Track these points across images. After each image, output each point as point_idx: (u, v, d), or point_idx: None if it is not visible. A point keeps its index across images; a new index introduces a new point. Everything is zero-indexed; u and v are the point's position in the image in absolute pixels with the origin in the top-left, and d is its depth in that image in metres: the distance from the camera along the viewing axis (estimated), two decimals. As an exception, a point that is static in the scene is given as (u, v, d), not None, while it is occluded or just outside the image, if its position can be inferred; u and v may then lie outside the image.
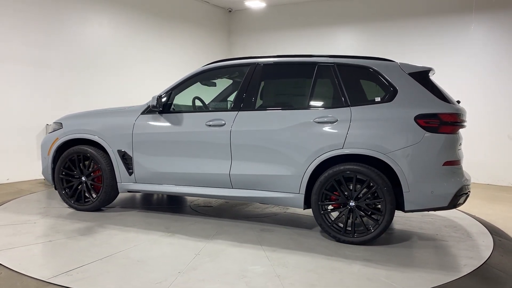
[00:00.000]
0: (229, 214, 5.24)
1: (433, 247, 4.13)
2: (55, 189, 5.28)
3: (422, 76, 4.13)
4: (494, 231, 4.73)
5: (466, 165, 4.32)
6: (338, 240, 4.10)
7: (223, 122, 4.51)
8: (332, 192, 4.12)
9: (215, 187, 4.62)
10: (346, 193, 4.08)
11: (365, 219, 4.08)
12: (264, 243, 4.06)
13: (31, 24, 7.22)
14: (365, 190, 4.02)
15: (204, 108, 5.21)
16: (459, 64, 8.34)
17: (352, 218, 4.07)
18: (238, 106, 4.56)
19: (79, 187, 5.13)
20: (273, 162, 4.31)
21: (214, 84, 5.48)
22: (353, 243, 4.04)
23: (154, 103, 4.72)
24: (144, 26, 9.24)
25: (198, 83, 5.14)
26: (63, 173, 5.16)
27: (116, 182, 5.01)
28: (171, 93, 4.88)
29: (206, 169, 4.59)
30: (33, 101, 7.33)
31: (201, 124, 4.61)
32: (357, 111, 4.09)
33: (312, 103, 4.38)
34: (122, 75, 8.76)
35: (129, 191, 5.06)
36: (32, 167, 7.30)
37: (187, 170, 4.68)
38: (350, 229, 4.07)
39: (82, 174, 5.11)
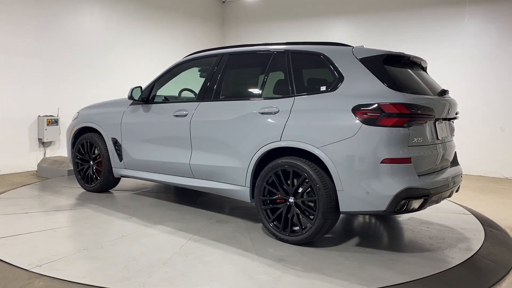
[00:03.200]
0: (221, 203, 5.28)
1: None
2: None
3: (374, 62, 3.65)
4: (486, 222, 4.77)
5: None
6: (276, 238, 3.88)
7: (185, 112, 4.60)
8: (273, 187, 3.88)
9: (181, 176, 4.73)
10: (285, 188, 3.82)
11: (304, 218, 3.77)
12: (200, 233, 4.09)
13: (22, 15, 7.11)
14: (305, 186, 3.70)
15: (180, 99, 5.29)
16: (452, 55, 8.34)
17: (289, 215, 3.78)
18: (201, 96, 4.59)
19: (88, 170, 5.68)
20: (224, 154, 4.26)
21: None
22: (288, 242, 3.79)
23: (129, 94, 5.05)
24: (136, 16, 9.15)
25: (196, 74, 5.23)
26: (78, 157, 5.73)
27: (112, 168, 5.43)
28: (153, 85, 5.09)
29: (172, 158, 4.74)
30: (25, 92, 7.25)
31: (170, 115, 4.76)
32: (299, 101, 3.82)
33: (262, 93, 4.17)
34: (113, 66, 8.69)
35: (121, 176, 5.45)
36: (24, 159, 7.25)
37: (159, 158, 4.89)
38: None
39: (90, 159, 5.64)
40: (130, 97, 5.07)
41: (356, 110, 3.46)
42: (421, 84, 3.89)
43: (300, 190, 3.74)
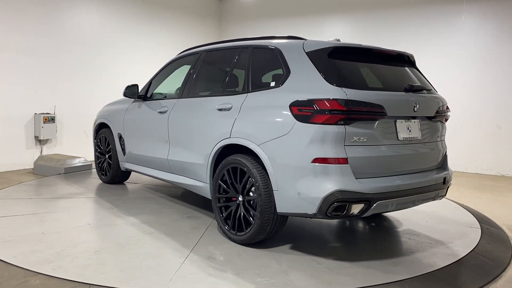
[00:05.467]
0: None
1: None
2: None
3: (320, 56, 3.44)
4: (482, 220, 4.79)
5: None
6: (226, 236, 3.83)
7: (166, 109, 4.72)
8: (226, 185, 3.80)
9: (162, 170, 4.86)
10: (236, 186, 3.73)
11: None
12: (159, 227, 4.17)
13: (19, 12, 7.07)
14: (249, 185, 3.59)
15: (169, 96, 5.34)
16: (449, 53, 8.36)
17: (238, 214, 3.69)
18: (180, 94, 4.69)
19: (104, 163, 6.08)
20: (191, 150, 4.30)
21: None
22: (234, 242, 3.71)
23: (124, 91, 5.34)
24: (133, 14, 9.11)
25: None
26: (97, 151, 6.15)
27: (119, 161, 5.75)
28: (150, 82, 5.28)
29: (156, 153, 4.89)
30: (21, 90, 7.20)
31: (156, 111, 4.89)
32: (250, 98, 3.73)
33: (224, 89, 4.15)
34: (110, 63, 8.65)
35: (125, 169, 5.71)
36: (21, 157, 7.22)
37: (147, 153, 5.09)
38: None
39: (106, 152, 6.00)
40: (124, 94, 5.38)
41: (293, 106, 3.30)
42: (380, 79, 3.69)
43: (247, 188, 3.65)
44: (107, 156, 5.98)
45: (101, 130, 6.08)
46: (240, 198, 3.66)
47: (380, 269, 3.27)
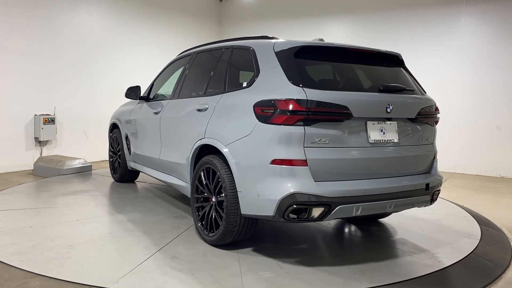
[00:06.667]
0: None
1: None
2: None
3: (286, 55, 3.36)
4: (482, 221, 4.78)
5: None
6: (200, 237, 3.81)
7: (159, 109, 4.83)
8: (202, 185, 3.78)
9: (157, 170, 4.96)
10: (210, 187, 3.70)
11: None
12: (141, 225, 4.23)
13: (19, 13, 7.08)
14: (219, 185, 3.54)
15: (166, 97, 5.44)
16: (449, 54, 8.37)
17: (210, 214, 3.66)
18: (172, 94, 4.76)
19: (115, 163, 6.31)
20: (175, 150, 4.39)
21: None
22: (207, 242, 3.69)
23: (125, 93, 5.49)
24: (133, 15, 9.12)
25: None
26: (111, 150, 6.41)
27: (126, 160, 5.96)
28: (153, 83, 5.41)
29: (151, 152, 5.03)
30: (21, 91, 7.21)
31: (152, 112, 5.01)
32: (224, 98, 3.70)
33: (206, 90, 4.13)
34: (110, 65, 8.66)
35: (131, 168, 5.87)
36: (20, 158, 7.22)
37: (145, 152, 5.23)
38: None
39: (117, 152, 6.21)
40: (126, 95, 5.52)
41: (256, 106, 3.25)
42: (353, 79, 3.60)
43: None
44: (117, 156, 6.23)
45: (114, 131, 6.33)
46: (214, 199, 3.61)
47: (344, 277, 3.14)
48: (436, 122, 3.81)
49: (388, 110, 3.31)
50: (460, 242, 4.02)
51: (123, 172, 6.14)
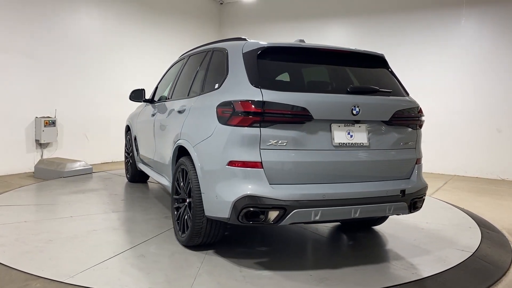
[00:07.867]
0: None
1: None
2: None
3: (251, 56, 3.33)
4: (482, 224, 4.78)
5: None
6: (176, 237, 3.82)
7: (155, 112, 5.01)
8: (179, 186, 3.77)
9: (153, 170, 5.13)
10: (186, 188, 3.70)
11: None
12: (131, 225, 4.34)
13: (20, 15, 7.09)
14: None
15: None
16: (449, 57, 8.37)
17: (183, 215, 3.67)
18: (167, 96, 4.89)
19: (128, 163, 6.55)
20: (161, 150, 4.53)
21: None
22: (180, 243, 3.70)
23: (130, 95, 5.52)
24: (134, 18, 9.14)
25: None
26: (126, 151, 6.62)
27: (135, 161, 6.16)
28: (157, 86, 5.54)
29: (148, 153, 5.19)
30: (22, 93, 7.21)
31: (150, 114, 5.17)
32: (198, 100, 3.73)
33: (189, 92, 4.15)
34: (112, 67, 8.67)
35: (139, 169, 5.98)
36: (21, 160, 7.22)
37: (145, 153, 5.39)
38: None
39: (130, 153, 6.42)
40: (130, 98, 5.57)
41: (218, 108, 3.23)
42: (319, 80, 3.56)
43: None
44: (130, 156, 6.48)
45: (128, 132, 6.58)
46: (188, 200, 3.57)
47: (300, 282, 3.05)
48: (421, 126, 3.62)
49: (354, 112, 3.19)
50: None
51: (133, 173, 6.37)
